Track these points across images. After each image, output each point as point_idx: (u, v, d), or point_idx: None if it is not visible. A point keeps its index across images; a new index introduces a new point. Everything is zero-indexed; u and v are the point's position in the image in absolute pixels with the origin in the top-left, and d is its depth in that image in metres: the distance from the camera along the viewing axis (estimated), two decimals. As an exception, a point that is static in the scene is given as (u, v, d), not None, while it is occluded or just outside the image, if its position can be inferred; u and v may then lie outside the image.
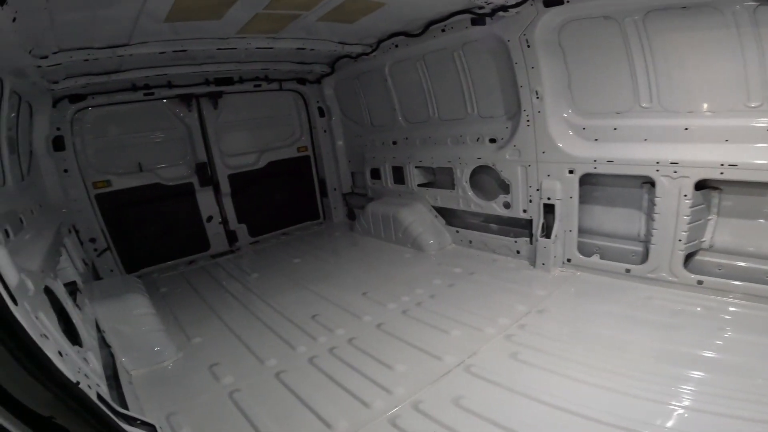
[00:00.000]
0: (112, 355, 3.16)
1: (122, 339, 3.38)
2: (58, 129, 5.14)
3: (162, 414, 2.79)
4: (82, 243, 5.24)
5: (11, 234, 2.60)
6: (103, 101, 5.45)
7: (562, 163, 4.23)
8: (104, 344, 3.21)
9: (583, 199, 4.27)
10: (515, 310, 3.69)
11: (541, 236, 4.47)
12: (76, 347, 2.22)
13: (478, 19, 4.25)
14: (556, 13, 3.80)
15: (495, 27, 4.23)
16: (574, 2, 3.66)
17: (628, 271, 3.94)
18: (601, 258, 4.22)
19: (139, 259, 6.01)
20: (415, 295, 4.27)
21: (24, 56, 3.33)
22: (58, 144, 5.12)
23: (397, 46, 5.35)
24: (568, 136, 4.21)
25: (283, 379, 3.12)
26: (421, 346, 3.33)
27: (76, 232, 5.17)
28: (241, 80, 6.35)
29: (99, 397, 1.63)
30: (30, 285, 1.89)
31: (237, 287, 5.14)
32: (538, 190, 4.49)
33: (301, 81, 7.04)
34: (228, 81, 6.22)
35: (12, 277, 1.54)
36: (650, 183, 3.73)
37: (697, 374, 2.60)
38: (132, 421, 1.78)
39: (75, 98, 5.24)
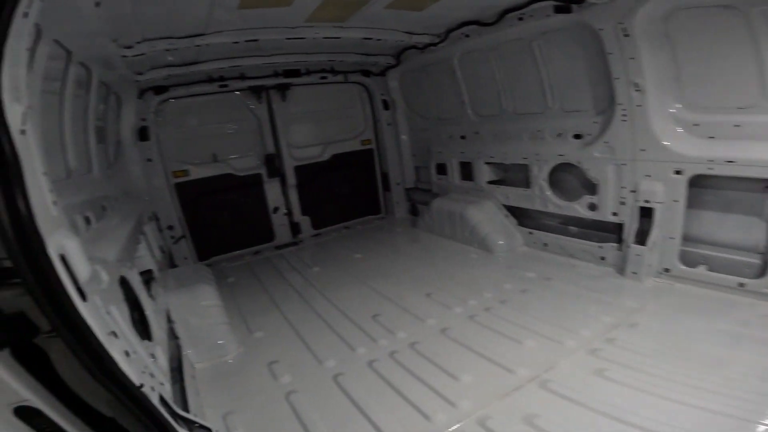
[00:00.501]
0: (178, 347, 3.25)
1: (190, 331, 3.46)
2: (143, 120, 5.46)
3: (219, 413, 2.80)
4: (161, 230, 5.55)
5: (93, 221, 2.71)
6: (182, 93, 5.73)
7: (666, 162, 3.74)
8: (172, 335, 3.31)
9: (689, 203, 3.76)
10: (601, 322, 3.37)
11: (635, 242, 4.01)
12: (146, 342, 2.24)
13: (564, 7, 3.90)
14: (660, 1, 3.37)
15: (584, 15, 3.86)
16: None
17: (741, 285, 3.43)
18: (709, 270, 3.68)
19: (211, 248, 6.28)
20: (483, 300, 4.02)
21: (109, 45, 3.50)
22: (143, 134, 5.46)
23: (468, 36, 5.05)
24: (676, 133, 3.72)
25: (340, 383, 3.03)
26: (490, 355, 3.10)
27: (157, 219, 5.47)
28: (308, 72, 6.40)
29: (161, 399, 1.59)
30: (104, 276, 1.90)
31: (298, 280, 5.18)
32: (633, 191, 4.04)
33: (366, 73, 6.96)
34: (295, 73, 6.28)
35: (83, 271, 1.52)
36: (779, 187, 3.19)
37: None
38: (190, 424, 1.74)
39: (159, 90, 5.53)
